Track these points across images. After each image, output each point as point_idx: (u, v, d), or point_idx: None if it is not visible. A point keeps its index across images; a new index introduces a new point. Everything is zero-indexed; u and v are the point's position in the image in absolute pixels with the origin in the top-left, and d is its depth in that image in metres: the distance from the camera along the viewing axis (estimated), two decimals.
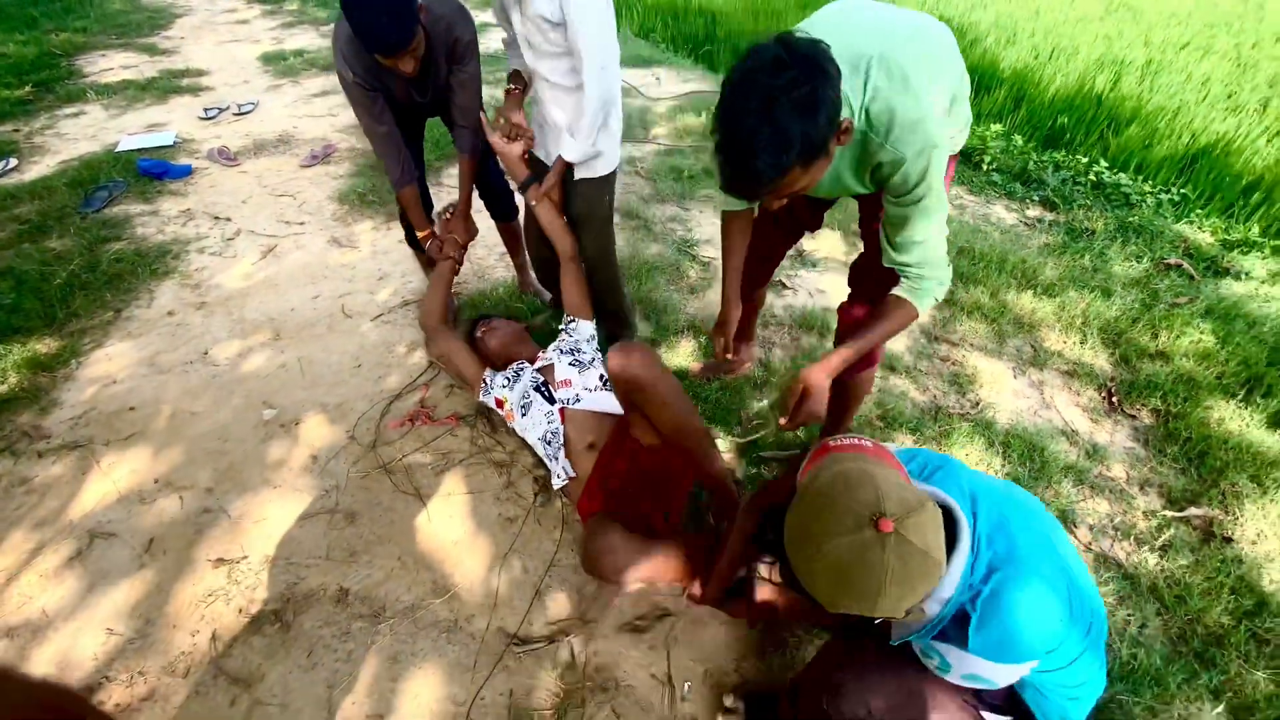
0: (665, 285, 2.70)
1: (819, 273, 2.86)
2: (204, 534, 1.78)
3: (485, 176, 2.31)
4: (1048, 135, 4.35)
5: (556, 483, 1.74)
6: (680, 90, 4.80)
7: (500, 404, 1.89)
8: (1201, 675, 1.46)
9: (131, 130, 4.00)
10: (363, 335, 2.49)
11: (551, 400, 1.80)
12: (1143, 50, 5.88)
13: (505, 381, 1.89)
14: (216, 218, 3.20)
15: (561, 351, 1.91)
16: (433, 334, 2.06)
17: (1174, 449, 2.03)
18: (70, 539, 1.76)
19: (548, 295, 2.60)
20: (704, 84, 4.95)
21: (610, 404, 1.80)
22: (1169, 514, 1.82)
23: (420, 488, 1.90)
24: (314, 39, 5.97)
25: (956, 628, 0.92)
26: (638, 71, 5.16)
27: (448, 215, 2.11)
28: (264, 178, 3.57)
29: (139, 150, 3.70)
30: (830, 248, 3.03)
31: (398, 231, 3.11)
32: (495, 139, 1.87)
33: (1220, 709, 1.41)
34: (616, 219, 2.13)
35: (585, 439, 1.72)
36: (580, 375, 1.85)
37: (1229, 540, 1.76)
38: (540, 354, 1.97)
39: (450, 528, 1.81)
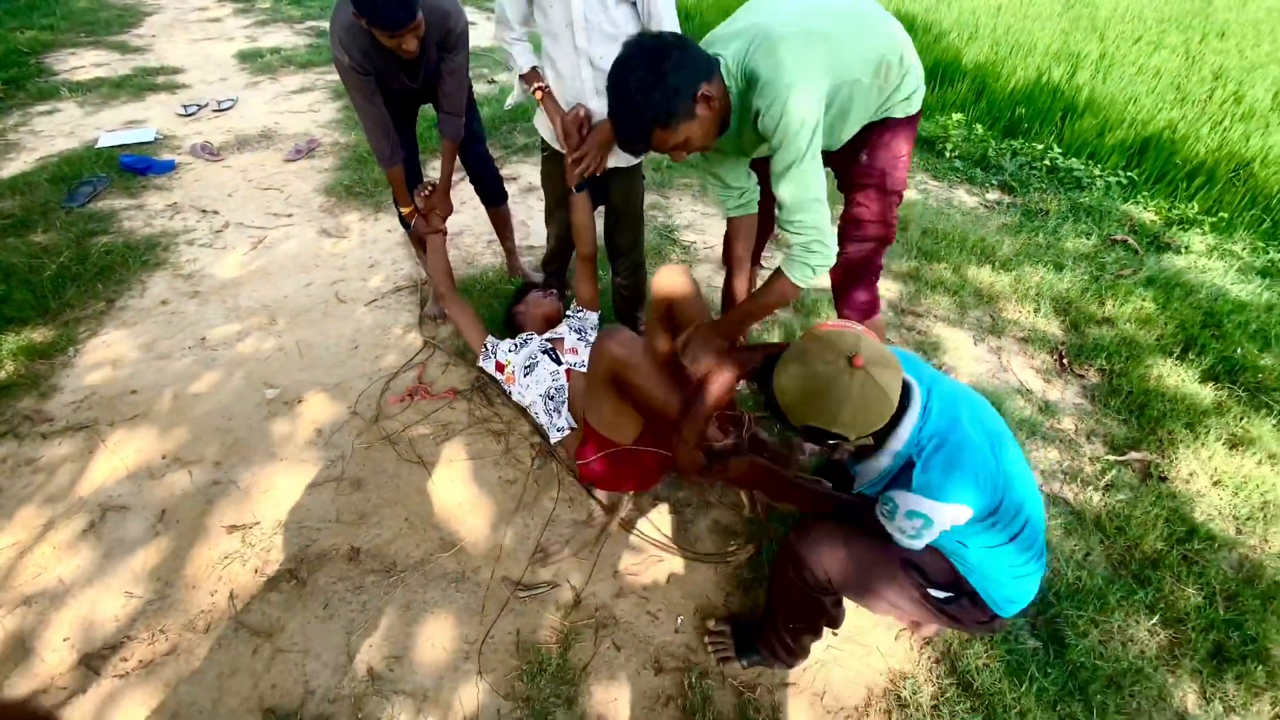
0: (650, 266, 2.83)
1: None
2: (215, 504, 1.86)
3: (475, 165, 2.42)
4: (1007, 125, 4.57)
5: (556, 435, 1.86)
6: None
7: (501, 368, 2.01)
8: (1138, 592, 1.63)
9: (110, 127, 4.00)
10: (358, 320, 2.57)
11: (559, 362, 1.94)
12: (1097, 45, 6.16)
13: (512, 347, 2.02)
14: (204, 211, 3.24)
15: (571, 329, 2.06)
16: (444, 297, 2.17)
17: (1117, 402, 2.22)
18: (82, 513, 1.83)
19: (538, 277, 2.72)
20: None
21: None
22: (1111, 458, 2.00)
23: (423, 456, 2.00)
24: (289, 36, 5.98)
25: (903, 475, 1.13)
26: None
27: (427, 192, 2.20)
28: (248, 172, 3.62)
29: (120, 146, 3.71)
30: None
31: (385, 221, 3.20)
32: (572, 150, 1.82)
33: (1154, 620, 1.58)
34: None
35: (579, 403, 1.84)
36: (585, 350, 1.99)
37: (1164, 479, 1.94)
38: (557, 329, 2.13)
39: (454, 491, 1.91)
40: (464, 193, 3.03)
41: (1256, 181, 3.63)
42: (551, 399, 1.89)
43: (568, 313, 2.16)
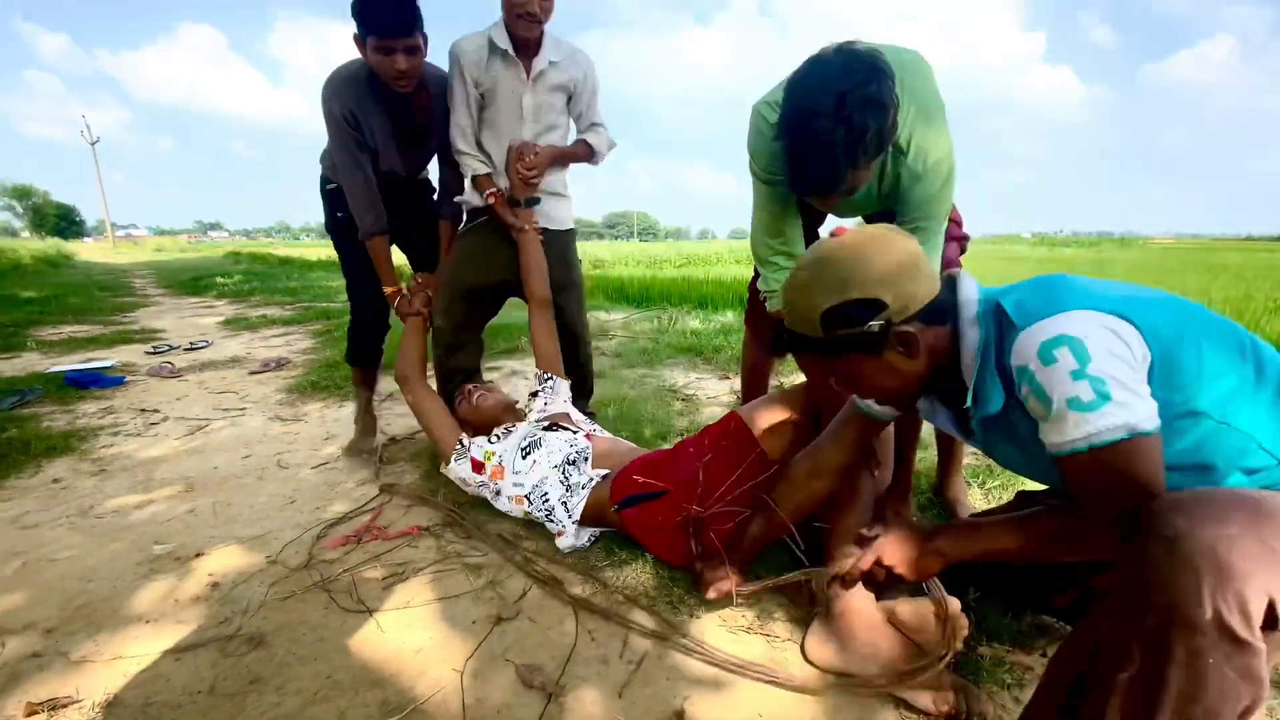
0: (651, 409, 2.53)
1: None
2: (23, 680, 1.15)
3: None
4: None
5: (575, 513, 1.44)
6: (621, 316, 5.26)
7: (479, 466, 1.55)
8: None
9: (67, 365, 3.82)
10: (300, 480, 2.08)
11: (572, 432, 1.56)
12: None
13: (494, 438, 1.59)
14: (142, 410, 2.88)
15: (566, 400, 1.69)
16: (410, 383, 1.84)
17: None
18: None
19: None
20: (637, 313, 5.50)
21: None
22: None
23: (366, 601, 1.38)
24: (279, 311, 6.34)
25: (1004, 329, 0.85)
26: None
27: (419, 279, 2.02)
28: (206, 383, 3.37)
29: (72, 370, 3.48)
30: None
31: (351, 406, 2.88)
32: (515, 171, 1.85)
33: None
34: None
35: (610, 459, 1.49)
36: (588, 423, 1.60)
37: None
38: (530, 412, 1.71)
39: (408, 636, 1.27)
40: None
41: None
42: (571, 463, 1.48)
43: (538, 386, 1.81)
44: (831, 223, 1.80)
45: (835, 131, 1.04)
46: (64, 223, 67.70)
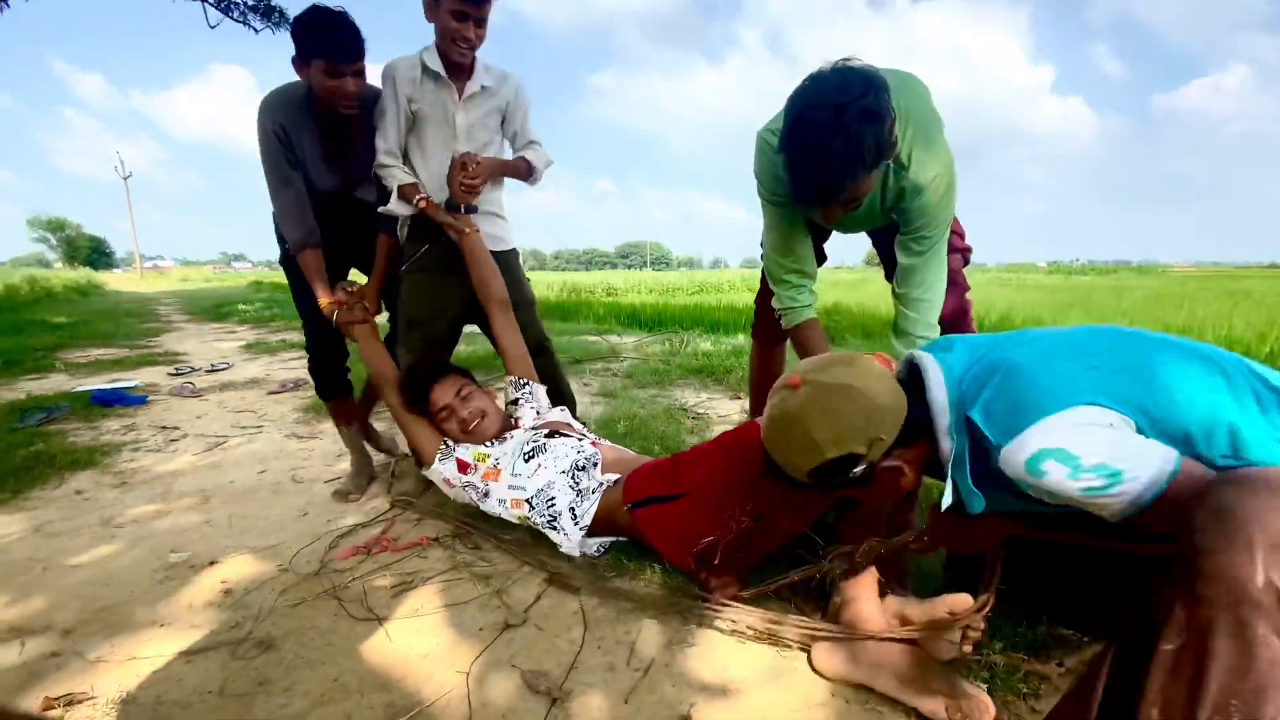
0: (661, 426, 2.54)
1: None
2: (41, 678, 1.18)
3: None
4: None
5: (591, 500, 1.44)
6: (633, 340, 5.30)
7: (466, 467, 1.56)
8: None
9: (94, 385, 3.92)
10: (314, 494, 2.11)
11: (578, 439, 1.59)
12: None
13: (489, 442, 1.60)
14: (163, 427, 2.95)
15: (561, 409, 1.71)
16: (387, 387, 1.85)
17: None
18: None
19: None
20: (649, 336, 5.53)
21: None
22: None
23: (374, 609, 1.39)
24: (297, 337, 6.46)
25: (977, 437, 0.86)
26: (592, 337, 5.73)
27: (352, 289, 2.01)
28: (226, 403, 3.44)
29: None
30: None
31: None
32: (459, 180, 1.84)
33: None
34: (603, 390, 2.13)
35: (619, 467, 1.49)
36: (591, 433, 1.61)
37: None
38: (522, 419, 1.73)
39: (415, 642, 1.27)
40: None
41: None
42: (580, 469, 1.48)
43: (515, 394, 1.82)
44: (837, 239, 1.83)
45: (833, 143, 1.07)
46: (95, 254, 69.88)
